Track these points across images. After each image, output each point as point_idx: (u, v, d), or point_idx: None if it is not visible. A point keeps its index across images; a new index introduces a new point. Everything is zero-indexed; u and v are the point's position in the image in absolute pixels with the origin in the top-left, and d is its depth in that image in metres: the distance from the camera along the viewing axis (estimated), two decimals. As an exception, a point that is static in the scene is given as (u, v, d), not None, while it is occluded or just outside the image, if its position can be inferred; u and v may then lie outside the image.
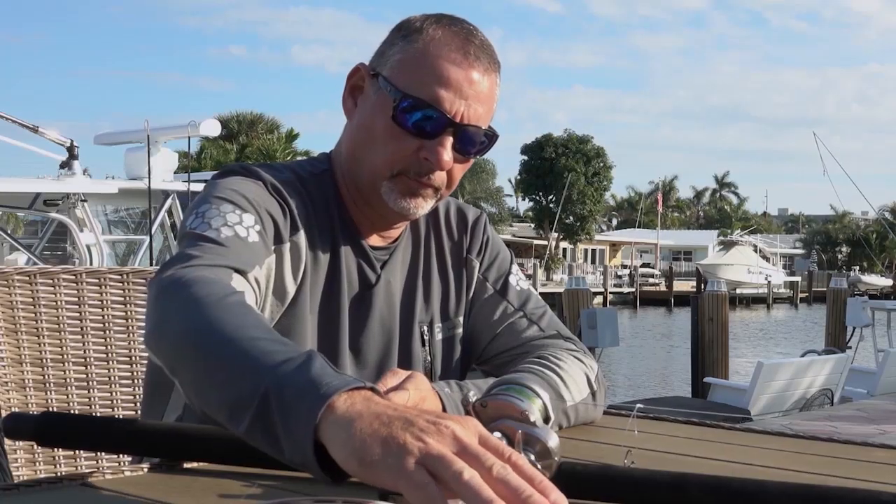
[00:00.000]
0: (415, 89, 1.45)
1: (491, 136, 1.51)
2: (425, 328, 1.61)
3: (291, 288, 1.46)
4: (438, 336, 1.62)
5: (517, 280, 1.70)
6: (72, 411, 1.96)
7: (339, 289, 1.52)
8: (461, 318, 1.66)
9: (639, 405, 1.42)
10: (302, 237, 1.48)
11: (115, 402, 2.04)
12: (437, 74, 1.45)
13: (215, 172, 1.54)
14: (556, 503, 0.80)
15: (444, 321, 1.64)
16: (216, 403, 1.03)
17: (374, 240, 1.59)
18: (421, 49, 1.47)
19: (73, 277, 2.01)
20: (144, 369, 1.84)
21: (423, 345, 1.60)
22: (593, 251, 72.80)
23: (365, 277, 1.56)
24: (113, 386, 2.04)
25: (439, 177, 1.49)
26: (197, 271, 1.23)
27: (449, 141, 1.46)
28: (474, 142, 1.49)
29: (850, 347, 17.34)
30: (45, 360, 1.96)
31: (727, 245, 66.49)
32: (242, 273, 1.31)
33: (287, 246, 1.46)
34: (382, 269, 1.58)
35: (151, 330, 1.18)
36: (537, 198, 65.06)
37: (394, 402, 0.91)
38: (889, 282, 65.09)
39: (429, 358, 1.60)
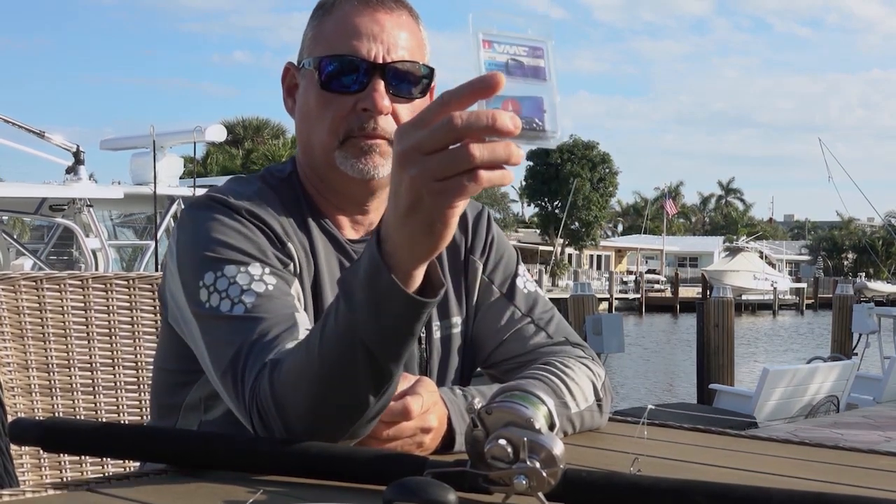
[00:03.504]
0: (330, 51, 1.48)
1: (429, 72, 1.51)
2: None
3: (301, 295, 1.46)
4: (436, 334, 1.58)
5: (524, 282, 1.66)
6: (78, 416, 1.97)
7: (322, 288, 1.50)
8: (458, 319, 1.62)
9: (650, 406, 1.41)
10: (290, 248, 1.47)
11: (120, 407, 2.04)
12: (345, 29, 1.48)
13: (184, 209, 1.52)
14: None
15: (442, 320, 1.60)
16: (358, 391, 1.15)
17: (350, 233, 1.57)
18: (327, 19, 1.51)
19: (80, 283, 2.01)
20: (150, 375, 1.84)
21: (420, 342, 1.57)
22: (599, 257, 72.74)
23: None
24: (119, 391, 2.04)
25: (385, 124, 1.47)
26: (270, 371, 1.23)
27: (380, 84, 1.46)
28: (409, 80, 1.48)
29: (856, 354, 17.27)
30: (51, 366, 1.96)
31: (733, 251, 66.38)
32: (292, 329, 1.31)
33: (291, 265, 1.45)
34: None
35: (291, 430, 1.20)
36: (543, 203, 65.11)
37: None
38: (895, 288, 64.91)
39: (424, 356, 1.56)
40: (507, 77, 0.96)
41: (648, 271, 70.31)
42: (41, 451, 1.90)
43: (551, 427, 1.11)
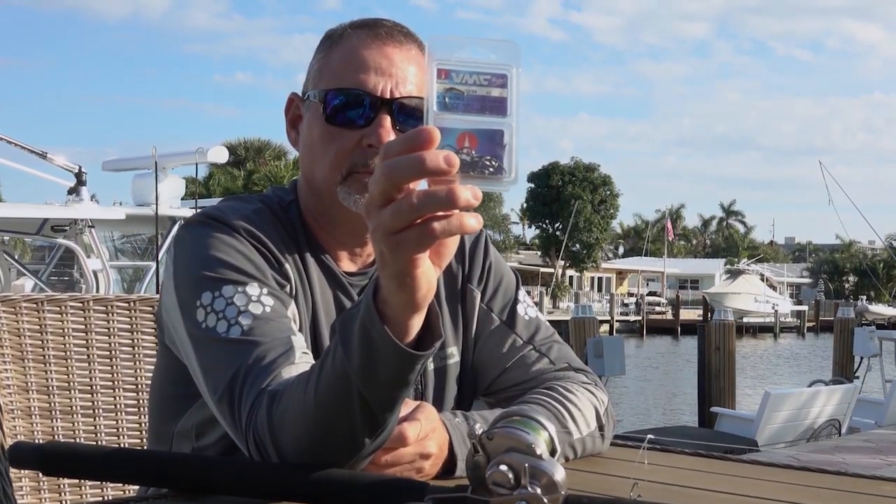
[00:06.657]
0: (337, 85, 1.45)
1: None
2: None
3: (297, 316, 1.45)
4: (430, 366, 1.54)
5: (525, 308, 1.63)
6: (77, 439, 1.96)
7: (317, 321, 1.48)
8: (454, 349, 1.58)
9: (650, 435, 1.41)
10: (287, 269, 1.45)
11: (120, 430, 2.04)
12: (353, 62, 1.45)
13: (181, 226, 1.49)
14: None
15: (437, 350, 1.57)
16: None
17: (348, 265, 1.54)
18: (334, 51, 1.49)
19: (81, 305, 2.01)
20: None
21: None
22: (600, 279, 72.75)
23: (341, 305, 1.51)
24: (119, 414, 2.04)
25: None
26: (268, 404, 1.21)
27: (387, 120, 1.43)
28: (417, 116, 1.44)
29: (858, 377, 17.26)
30: (51, 388, 1.96)
31: (734, 274, 66.30)
32: (288, 353, 1.29)
33: (288, 286, 1.44)
34: (360, 295, 1.50)
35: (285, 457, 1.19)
36: (544, 225, 65.21)
37: None
38: (897, 311, 64.79)
39: (419, 387, 1.54)
40: (463, 109, 0.93)
41: (649, 293, 70.25)
42: (40, 475, 1.89)
43: (553, 453, 1.11)
